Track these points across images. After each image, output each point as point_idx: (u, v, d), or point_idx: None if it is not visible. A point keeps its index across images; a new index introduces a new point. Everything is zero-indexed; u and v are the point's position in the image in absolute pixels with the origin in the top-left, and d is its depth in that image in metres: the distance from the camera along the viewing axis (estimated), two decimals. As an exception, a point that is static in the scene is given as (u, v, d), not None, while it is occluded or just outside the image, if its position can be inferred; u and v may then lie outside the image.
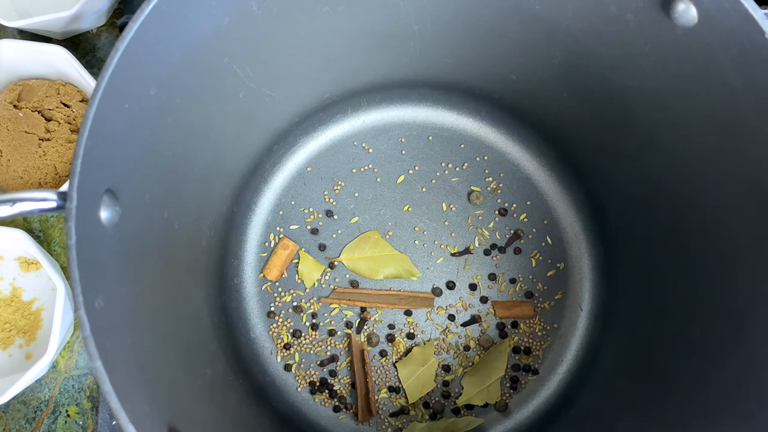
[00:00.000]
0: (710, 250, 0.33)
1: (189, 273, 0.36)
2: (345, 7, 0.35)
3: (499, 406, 0.42)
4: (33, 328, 0.44)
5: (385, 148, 0.47)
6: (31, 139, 0.43)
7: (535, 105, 0.43)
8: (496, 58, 0.39)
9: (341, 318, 0.44)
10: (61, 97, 0.44)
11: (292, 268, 0.44)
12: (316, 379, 0.43)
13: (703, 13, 0.26)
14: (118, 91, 0.25)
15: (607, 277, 0.44)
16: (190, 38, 0.29)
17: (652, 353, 0.37)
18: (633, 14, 0.29)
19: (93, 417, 0.44)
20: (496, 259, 0.45)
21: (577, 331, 0.44)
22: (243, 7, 0.31)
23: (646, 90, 0.33)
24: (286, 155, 0.46)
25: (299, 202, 0.45)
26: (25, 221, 0.48)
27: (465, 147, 0.47)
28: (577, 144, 0.43)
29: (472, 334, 0.44)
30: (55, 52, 0.44)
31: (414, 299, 0.44)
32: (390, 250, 0.45)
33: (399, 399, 0.43)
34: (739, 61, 0.26)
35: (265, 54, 0.35)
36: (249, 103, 0.37)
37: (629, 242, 0.41)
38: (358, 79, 0.43)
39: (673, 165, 0.34)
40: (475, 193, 0.45)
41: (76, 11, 0.44)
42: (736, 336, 0.30)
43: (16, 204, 0.24)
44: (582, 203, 0.45)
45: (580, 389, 0.42)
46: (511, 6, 0.34)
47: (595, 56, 0.34)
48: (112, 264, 0.26)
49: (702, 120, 0.30)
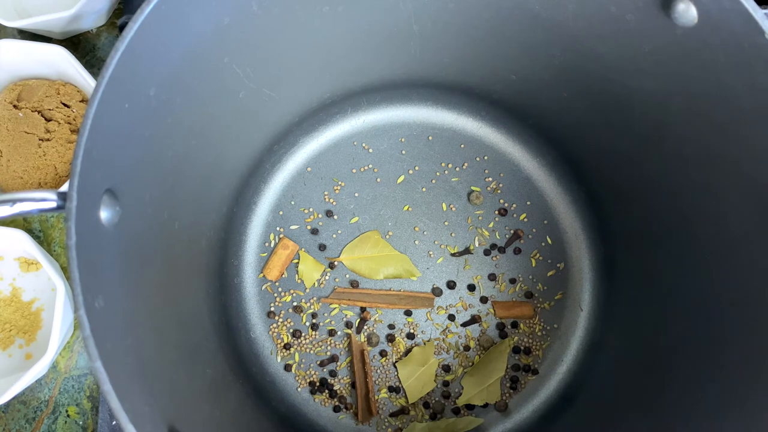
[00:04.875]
0: (710, 249, 0.33)
1: (189, 273, 0.36)
2: (345, 7, 0.35)
3: (499, 406, 0.42)
4: (33, 328, 0.44)
5: (385, 148, 0.47)
6: (31, 139, 0.43)
7: (535, 105, 0.43)
8: (496, 58, 0.40)
9: (341, 318, 0.44)
10: (61, 97, 0.44)
11: (292, 268, 0.44)
12: (316, 379, 0.43)
13: (703, 13, 0.26)
14: (118, 91, 0.25)
15: (607, 277, 0.44)
16: (190, 38, 0.29)
17: (652, 353, 0.37)
18: (633, 14, 0.29)
19: (93, 417, 0.44)
20: (496, 259, 0.45)
21: (577, 331, 0.44)
22: (243, 6, 0.31)
23: (646, 90, 0.33)
24: (286, 155, 0.46)
25: (299, 202, 0.45)
26: (25, 221, 0.48)
27: (465, 147, 0.47)
28: (577, 144, 0.43)
29: (472, 334, 0.44)
30: (55, 52, 0.44)
31: (414, 299, 0.44)
32: (390, 250, 0.45)
33: (399, 399, 0.43)
34: (739, 61, 0.26)
35: (265, 54, 0.35)
36: (249, 103, 0.37)
37: (629, 242, 0.41)
38: (358, 79, 0.43)
39: (673, 165, 0.34)
40: (475, 193, 0.45)
41: (76, 11, 0.44)
42: (736, 336, 0.30)
43: (16, 204, 0.24)
44: (582, 203, 0.45)
45: (580, 389, 0.42)
46: (511, 6, 0.34)
47: (595, 56, 0.34)
48: (112, 264, 0.26)
49: (702, 120, 0.30)
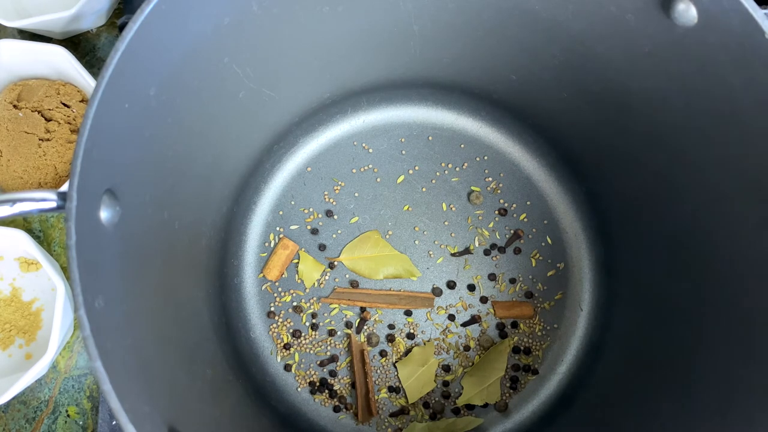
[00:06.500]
0: (710, 249, 0.33)
1: (189, 273, 0.36)
2: (345, 7, 0.35)
3: (499, 406, 0.42)
4: (33, 328, 0.44)
5: (385, 148, 0.46)
6: (31, 139, 0.43)
7: (535, 105, 0.43)
8: (496, 58, 0.40)
9: (341, 318, 0.44)
10: (61, 97, 0.44)
11: (292, 268, 0.44)
12: (316, 379, 0.43)
13: (703, 13, 0.26)
14: (118, 91, 0.25)
15: (607, 277, 0.44)
16: (190, 38, 0.29)
17: (652, 353, 0.37)
18: (633, 14, 0.29)
19: (93, 417, 0.44)
20: (496, 259, 0.45)
21: (577, 331, 0.44)
22: (243, 7, 0.31)
23: (646, 90, 0.33)
24: (286, 155, 0.46)
25: (299, 202, 0.45)
26: (25, 221, 0.48)
27: (465, 147, 0.47)
28: (577, 144, 0.43)
29: (472, 334, 0.44)
30: (55, 52, 0.44)
31: (414, 299, 0.44)
32: (390, 250, 0.45)
33: (399, 399, 0.43)
34: (739, 61, 0.26)
35: (265, 54, 0.35)
36: (249, 103, 0.37)
37: (629, 242, 0.41)
38: (358, 79, 0.43)
39: (673, 165, 0.34)
40: (475, 193, 0.45)
41: (76, 11, 0.44)
42: (737, 336, 0.30)
43: (16, 204, 0.24)
44: (582, 203, 0.45)
45: (580, 389, 0.42)
46: (511, 6, 0.34)
47: (595, 56, 0.34)
48: (112, 264, 0.26)
49: (702, 120, 0.30)
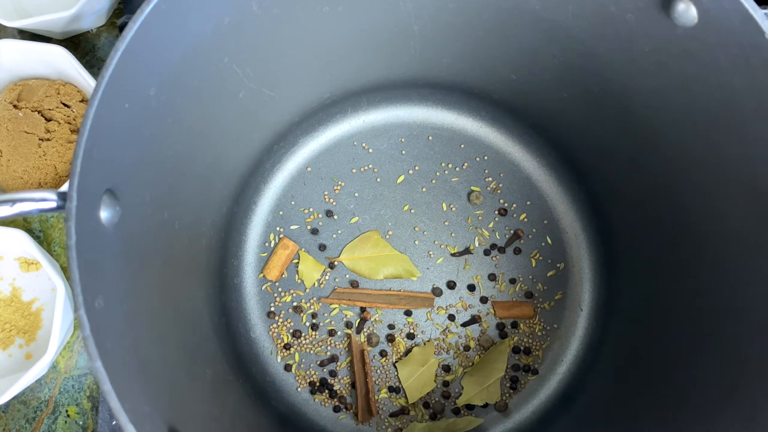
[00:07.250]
0: (710, 249, 0.33)
1: (189, 273, 0.36)
2: (345, 7, 0.35)
3: (499, 406, 0.42)
4: (33, 328, 0.44)
5: (385, 148, 0.46)
6: (31, 139, 0.43)
7: (535, 105, 0.43)
8: (496, 58, 0.39)
9: (341, 318, 0.44)
10: (61, 97, 0.44)
11: (292, 268, 0.44)
12: (316, 379, 0.43)
13: (703, 13, 0.26)
14: (118, 91, 0.25)
15: (607, 277, 0.44)
16: (190, 38, 0.29)
17: (652, 353, 0.37)
18: (633, 14, 0.29)
19: (93, 417, 0.44)
20: (496, 259, 0.45)
21: (577, 331, 0.44)
22: (243, 7, 0.31)
23: (646, 90, 0.33)
24: (286, 155, 0.46)
25: (299, 202, 0.45)
26: (25, 221, 0.48)
27: (465, 147, 0.47)
28: (577, 144, 0.43)
29: (472, 334, 0.44)
30: (55, 52, 0.44)
31: (414, 299, 0.44)
32: (390, 250, 0.45)
33: (399, 399, 0.43)
34: (739, 61, 0.26)
35: (265, 54, 0.35)
36: (249, 103, 0.37)
37: (629, 242, 0.41)
38: (358, 79, 0.43)
39: (673, 165, 0.34)
40: (475, 193, 0.45)
41: (76, 11, 0.44)
42: (737, 336, 0.30)
43: (16, 204, 0.24)
44: (582, 203, 0.45)
45: (580, 389, 0.42)
46: (511, 6, 0.34)
47: (595, 56, 0.34)
48: (112, 264, 0.26)
49: (702, 120, 0.30)
